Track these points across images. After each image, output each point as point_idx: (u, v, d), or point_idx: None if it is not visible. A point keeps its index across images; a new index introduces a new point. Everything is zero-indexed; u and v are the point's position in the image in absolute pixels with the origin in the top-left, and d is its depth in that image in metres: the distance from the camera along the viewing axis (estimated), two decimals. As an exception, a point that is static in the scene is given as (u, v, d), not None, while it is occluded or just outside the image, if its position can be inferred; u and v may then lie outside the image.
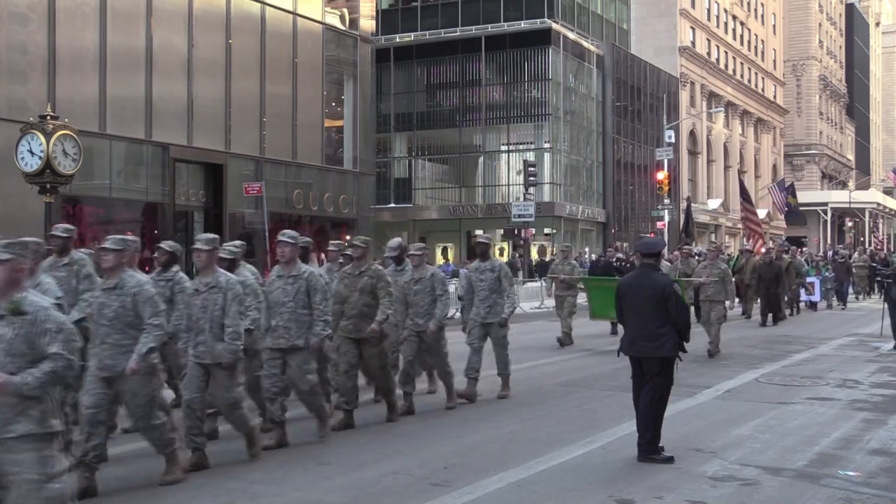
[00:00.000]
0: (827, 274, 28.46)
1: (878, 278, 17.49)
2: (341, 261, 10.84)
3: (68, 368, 4.62)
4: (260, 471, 7.19)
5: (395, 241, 10.77)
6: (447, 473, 7.08)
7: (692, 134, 61.06)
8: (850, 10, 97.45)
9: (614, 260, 19.85)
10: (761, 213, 71.43)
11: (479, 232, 48.91)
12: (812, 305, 26.48)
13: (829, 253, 33.08)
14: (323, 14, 33.97)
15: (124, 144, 26.55)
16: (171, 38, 27.82)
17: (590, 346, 16.33)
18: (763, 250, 26.34)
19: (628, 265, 18.78)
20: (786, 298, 22.56)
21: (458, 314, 24.04)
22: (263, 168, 30.77)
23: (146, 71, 26.97)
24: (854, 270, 30.36)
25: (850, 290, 31.25)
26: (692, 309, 14.39)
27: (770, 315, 21.15)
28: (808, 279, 25.97)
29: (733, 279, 22.39)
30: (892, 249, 59.22)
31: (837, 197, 76.11)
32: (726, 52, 66.97)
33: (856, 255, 34.36)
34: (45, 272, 7.66)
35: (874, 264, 24.59)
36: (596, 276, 20.72)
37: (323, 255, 18.01)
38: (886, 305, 16.18)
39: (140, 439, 8.19)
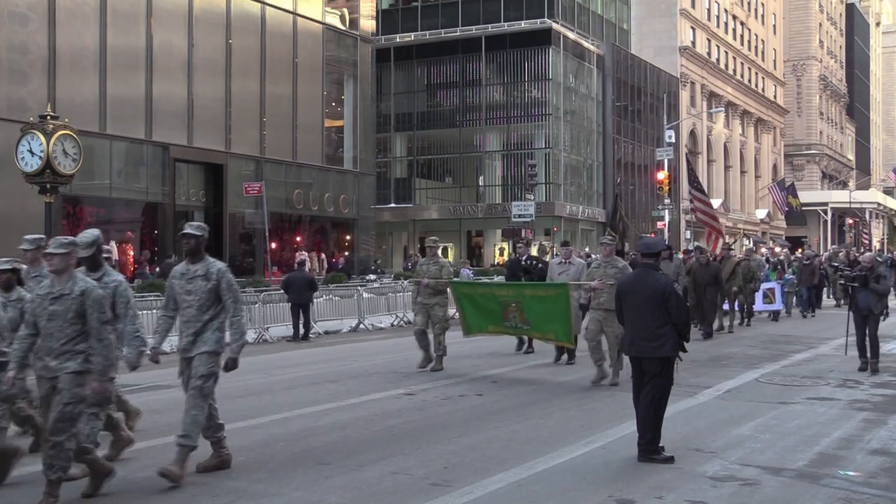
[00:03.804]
0: (788, 276, 25.04)
1: (842, 282, 14.11)
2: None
3: None
4: (261, 471, 7.19)
5: (89, 233, 7.17)
6: (447, 473, 7.08)
7: (692, 134, 61.08)
8: (851, 10, 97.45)
9: (524, 258, 16.16)
10: (761, 214, 71.73)
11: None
12: (774, 315, 22.92)
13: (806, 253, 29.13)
14: (323, 14, 33.99)
15: (124, 144, 26.58)
16: (171, 38, 27.85)
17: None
18: (719, 249, 23.41)
19: (539, 265, 15.74)
20: (724, 307, 19.52)
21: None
22: (263, 168, 30.80)
23: (146, 71, 27.00)
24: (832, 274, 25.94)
25: (830, 294, 28.21)
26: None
27: (699, 326, 17.87)
28: (768, 284, 22.51)
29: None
30: (883, 250, 58.45)
31: (837, 197, 76.13)
32: (726, 52, 66.99)
33: (832, 255, 31.12)
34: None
35: (835, 264, 20.58)
36: (465, 282, 17.42)
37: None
38: (852, 315, 13.33)
39: (139, 439, 8.21)
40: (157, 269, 25.97)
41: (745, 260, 22.07)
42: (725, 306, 19.70)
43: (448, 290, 13.19)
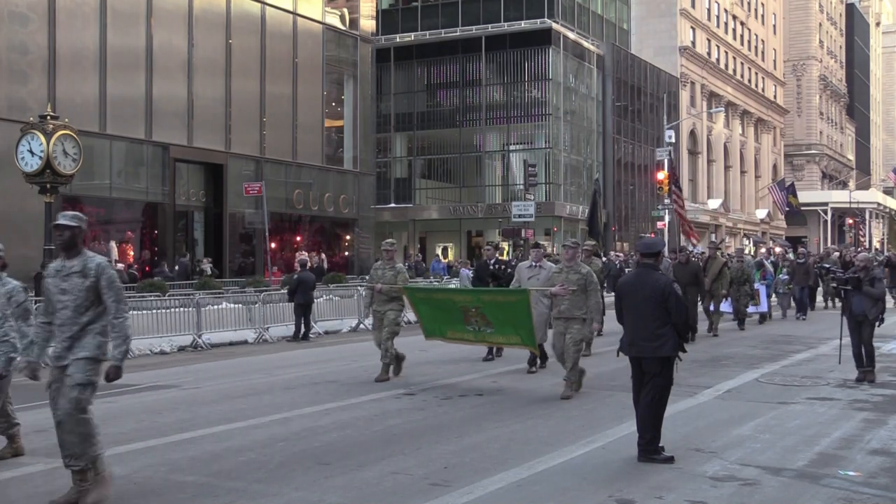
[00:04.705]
0: (781, 276, 24.31)
1: (835, 284, 13.21)
2: None
3: None
4: (260, 471, 7.19)
5: None
6: (447, 473, 7.08)
7: (692, 134, 61.09)
8: (851, 10, 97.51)
9: (492, 262, 14.98)
10: (761, 214, 71.75)
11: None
12: (762, 318, 22.07)
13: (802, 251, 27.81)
14: (323, 14, 34.00)
15: (124, 144, 26.58)
16: (171, 38, 27.86)
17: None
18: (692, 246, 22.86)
19: (508, 269, 14.63)
20: (711, 308, 18.77)
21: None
22: (263, 168, 30.80)
23: (146, 71, 27.01)
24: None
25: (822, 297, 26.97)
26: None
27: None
28: (755, 285, 21.53)
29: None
30: (883, 250, 58.31)
31: (837, 197, 76.18)
32: (726, 52, 67.01)
33: (823, 256, 30.03)
34: None
35: (826, 265, 19.24)
36: (421, 287, 16.49)
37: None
38: (845, 320, 12.26)
39: (139, 440, 8.22)
40: (176, 268, 25.96)
41: (738, 261, 21.11)
42: (711, 308, 18.83)
43: (404, 297, 12.36)
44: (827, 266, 17.67)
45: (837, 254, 29.88)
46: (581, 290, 10.66)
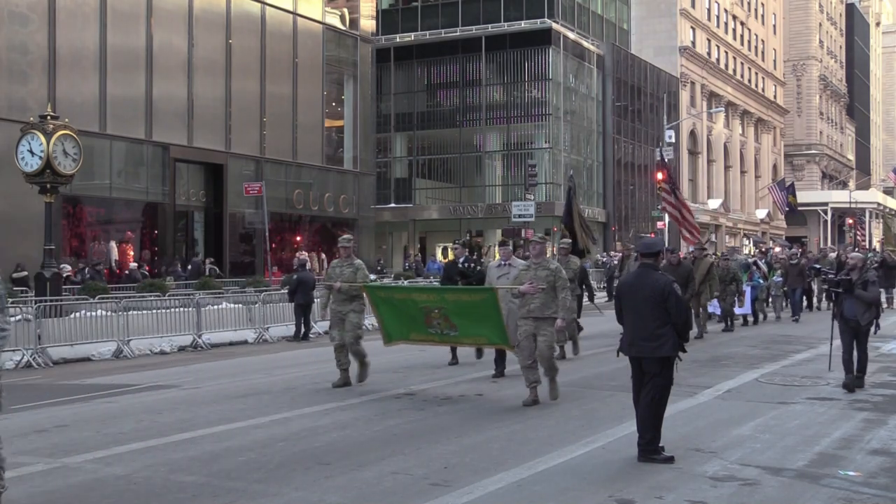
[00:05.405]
0: (775, 278, 23.74)
1: (826, 286, 12.36)
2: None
3: None
4: (260, 471, 7.19)
5: None
6: (447, 473, 7.08)
7: (692, 134, 61.08)
8: (851, 10, 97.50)
9: (461, 261, 14.27)
10: (761, 214, 71.73)
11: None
12: (744, 320, 21.43)
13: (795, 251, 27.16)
14: (323, 14, 34.02)
15: (124, 144, 26.60)
16: (171, 38, 27.87)
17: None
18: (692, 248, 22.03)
19: (477, 267, 14.10)
20: (701, 310, 18.21)
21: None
22: (263, 168, 30.81)
23: (146, 71, 27.02)
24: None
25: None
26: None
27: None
28: (742, 286, 20.98)
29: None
30: (882, 250, 58.03)
31: (837, 197, 76.17)
32: (726, 52, 67.01)
33: (819, 257, 29.26)
34: None
35: (816, 265, 18.52)
36: (382, 286, 15.57)
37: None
38: (836, 323, 11.53)
39: (138, 440, 8.22)
40: (189, 268, 25.96)
41: (726, 260, 20.73)
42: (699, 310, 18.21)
43: (364, 295, 11.72)
44: (818, 267, 17.41)
45: (835, 254, 29.11)
46: (551, 288, 10.02)
